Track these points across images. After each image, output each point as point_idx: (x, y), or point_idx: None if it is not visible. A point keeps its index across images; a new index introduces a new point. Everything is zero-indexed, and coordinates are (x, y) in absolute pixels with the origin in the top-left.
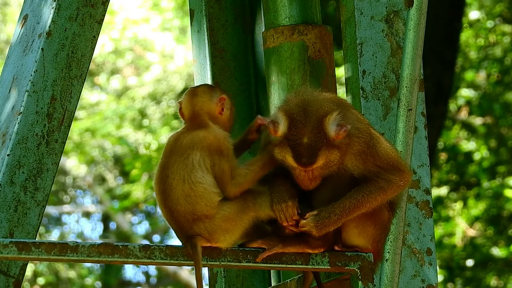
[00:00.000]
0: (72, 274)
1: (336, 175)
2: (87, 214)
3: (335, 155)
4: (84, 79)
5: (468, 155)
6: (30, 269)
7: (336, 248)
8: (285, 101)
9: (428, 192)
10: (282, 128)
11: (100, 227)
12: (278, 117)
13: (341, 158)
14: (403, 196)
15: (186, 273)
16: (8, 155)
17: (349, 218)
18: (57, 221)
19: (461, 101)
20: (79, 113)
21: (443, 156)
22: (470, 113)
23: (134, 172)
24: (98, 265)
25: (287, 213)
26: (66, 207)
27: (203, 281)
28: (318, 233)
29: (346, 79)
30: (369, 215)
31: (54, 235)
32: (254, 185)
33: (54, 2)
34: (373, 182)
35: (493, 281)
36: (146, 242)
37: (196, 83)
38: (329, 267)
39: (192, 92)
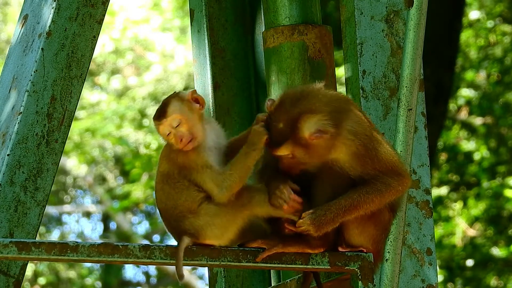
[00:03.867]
0: (72, 274)
1: (335, 177)
2: (87, 214)
3: (301, 153)
4: (84, 79)
5: (468, 155)
6: (30, 269)
7: (341, 249)
8: (294, 87)
9: (428, 192)
10: (272, 105)
11: (100, 227)
12: (277, 96)
13: (317, 155)
14: (403, 198)
15: (186, 273)
16: (8, 155)
17: (346, 218)
18: (57, 221)
19: (461, 101)
20: (79, 113)
21: (443, 156)
22: (470, 113)
23: (135, 171)
24: (98, 265)
25: (283, 195)
26: (66, 207)
27: (199, 279)
28: (316, 231)
29: (346, 79)
30: (370, 216)
31: (54, 235)
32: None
33: (54, 2)
34: (371, 184)
35: (493, 281)
36: (146, 242)
37: (196, 83)
38: (329, 267)
39: None
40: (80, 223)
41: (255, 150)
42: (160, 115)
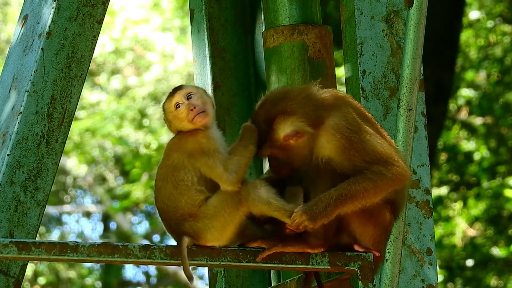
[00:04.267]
0: (72, 274)
1: (330, 174)
2: (87, 214)
3: (280, 154)
4: (84, 79)
5: (468, 155)
6: (30, 269)
7: (356, 247)
8: (281, 87)
9: (428, 192)
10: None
11: (100, 227)
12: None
13: (299, 155)
14: (404, 198)
15: None
16: (8, 155)
17: (340, 209)
18: (57, 221)
19: (461, 101)
20: (79, 113)
21: (443, 156)
22: (470, 113)
23: (135, 171)
24: (98, 265)
25: None
26: (66, 207)
27: (199, 279)
28: (311, 222)
29: (346, 79)
30: (370, 216)
31: (54, 235)
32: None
33: (54, 2)
34: (362, 174)
35: (493, 281)
36: (146, 242)
37: (196, 83)
38: (329, 267)
39: None
40: (80, 223)
41: (252, 143)
42: (175, 89)
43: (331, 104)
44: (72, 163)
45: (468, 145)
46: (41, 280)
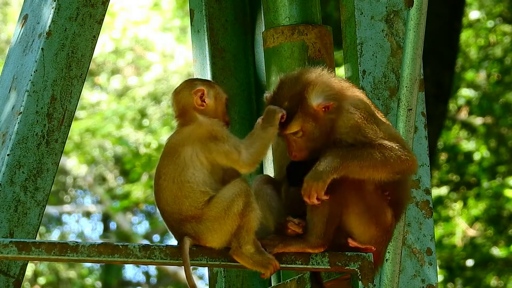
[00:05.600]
0: (72, 274)
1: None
2: (87, 214)
3: (310, 125)
4: (84, 79)
5: (468, 155)
6: (30, 268)
7: (350, 240)
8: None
9: (428, 192)
10: (270, 94)
11: (100, 227)
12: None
13: (323, 131)
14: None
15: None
16: (8, 155)
17: (346, 167)
18: (57, 221)
19: (461, 101)
20: (79, 113)
21: (443, 156)
22: (470, 113)
23: (135, 171)
24: (98, 265)
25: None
26: (67, 207)
27: (199, 279)
28: (320, 182)
29: (346, 79)
30: (372, 215)
31: (54, 235)
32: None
33: (54, 2)
34: (373, 144)
35: (493, 281)
36: (146, 242)
37: None
38: (329, 267)
39: (175, 91)
40: (80, 223)
41: (272, 126)
42: None
43: (345, 84)
44: (72, 163)
45: (468, 145)
46: (41, 280)
